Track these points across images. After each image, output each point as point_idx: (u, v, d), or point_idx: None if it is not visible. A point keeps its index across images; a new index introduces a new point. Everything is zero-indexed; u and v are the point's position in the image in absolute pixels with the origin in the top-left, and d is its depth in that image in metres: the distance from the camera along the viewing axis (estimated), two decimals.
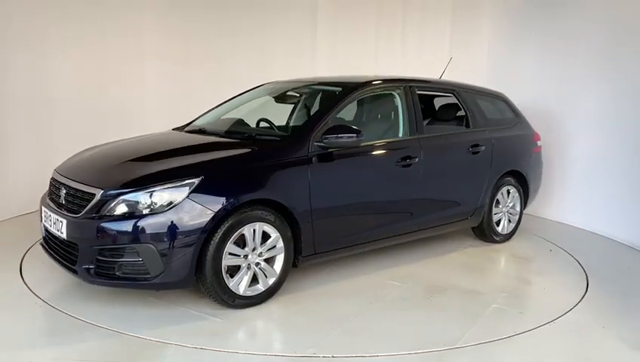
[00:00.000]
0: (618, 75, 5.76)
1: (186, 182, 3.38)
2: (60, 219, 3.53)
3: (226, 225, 3.45)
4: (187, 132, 4.49)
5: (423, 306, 3.82)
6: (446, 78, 5.74)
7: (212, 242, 3.41)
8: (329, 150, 3.95)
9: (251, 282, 3.66)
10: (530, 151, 5.70)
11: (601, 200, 6.05)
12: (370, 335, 3.33)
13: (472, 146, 5.03)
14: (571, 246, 5.44)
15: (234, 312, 3.55)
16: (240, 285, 3.58)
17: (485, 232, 5.36)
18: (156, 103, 6.34)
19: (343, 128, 4.01)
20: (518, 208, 5.59)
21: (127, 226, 3.30)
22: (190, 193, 3.36)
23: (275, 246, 3.72)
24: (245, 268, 3.60)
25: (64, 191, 3.66)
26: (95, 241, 3.34)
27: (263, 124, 4.57)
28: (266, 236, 3.67)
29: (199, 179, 3.41)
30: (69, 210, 3.53)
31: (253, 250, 3.62)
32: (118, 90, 6.18)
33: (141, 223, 3.29)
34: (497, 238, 5.41)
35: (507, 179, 5.41)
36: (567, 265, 4.91)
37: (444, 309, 3.78)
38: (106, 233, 3.32)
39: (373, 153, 4.31)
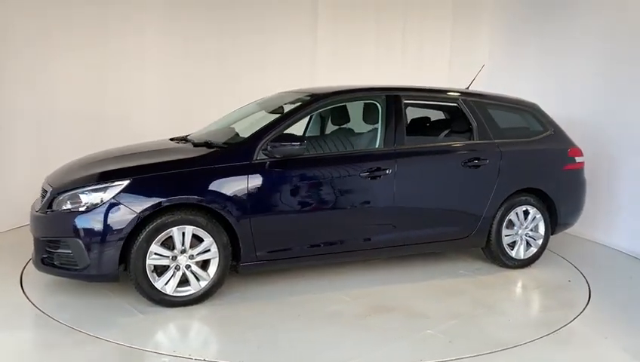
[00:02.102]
0: (619, 77, 5.60)
1: (115, 184, 3.65)
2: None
3: (151, 225, 3.64)
4: (172, 140, 4.75)
5: (350, 324, 3.63)
6: (467, 87, 5.37)
7: (136, 241, 3.63)
8: (275, 159, 3.96)
9: (183, 283, 3.81)
10: (560, 167, 5.03)
11: None
12: (259, 346, 3.28)
13: (471, 160, 4.62)
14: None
15: (159, 310, 3.71)
16: (167, 285, 3.74)
17: (495, 255, 4.86)
18: (157, 111, 6.48)
19: (288, 137, 4.00)
20: (541, 231, 4.97)
21: (62, 221, 3.67)
22: (116, 194, 3.61)
23: (209, 250, 3.83)
24: (173, 269, 3.76)
25: (41, 191, 4.17)
26: (40, 233, 3.77)
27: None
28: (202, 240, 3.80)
29: (127, 181, 3.66)
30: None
31: (183, 252, 3.76)
32: (118, 98, 6.27)
33: (72, 219, 3.63)
34: (510, 263, 4.87)
35: (524, 198, 4.86)
36: (573, 300, 4.26)
37: (368, 330, 3.56)
38: (46, 226, 3.73)
39: (329, 164, 4.18)
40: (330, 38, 7.00)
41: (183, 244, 3.75)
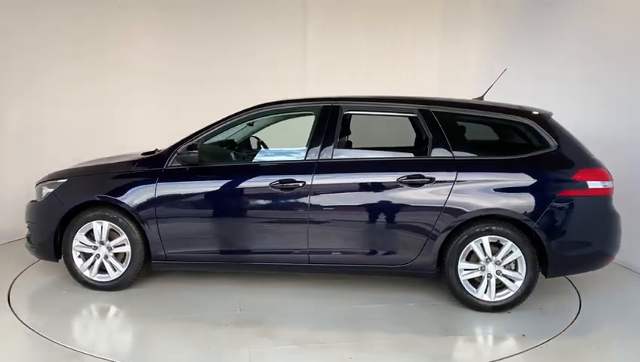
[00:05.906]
0: (613, 83, 5.34)
1: (56, 181, 4.46)
2: None
3: (76, 218, 4.34)
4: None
5: (193, 330, 3.70)
6: (466, 96, 4.73)
7: (66, 230, 4.37)
8: (183, 166, 4.24)
9: (104, 271, 4.39)
10: (553, 192, 3.97)
11: None
12: (103, 334, 3.78)
13: (410, 176, 4.06)
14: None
15: (81, 291, 4.34)
16: (89, 270, 4.37)
17: (454, 292, 4.13)
18: (146, 122, 6.58)
19: (191, 147, 4.22)
20: (522, 270, 4.02)
21: (31, 208, 4.60)
22: (55, 190, 4.41)
23: (124, 245, 4.33)
24: (94, 257, 4.37)
25: None
26: (25, 217, 4.78)
27: None
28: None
29: (64, 180, 4.43)
30: None
31: (102, 243, 4.34)
32: (107, 110, 6.38)
33: (32, 206, 4.57)
34: (472, 302, 4.06)
35: (491, 226, 4.01)
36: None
37: (202, 336, 3.61)
38: (27, 212, 4.70)
39: (238, 173, 4.25)
40: (321, 45, 6.76)
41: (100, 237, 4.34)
